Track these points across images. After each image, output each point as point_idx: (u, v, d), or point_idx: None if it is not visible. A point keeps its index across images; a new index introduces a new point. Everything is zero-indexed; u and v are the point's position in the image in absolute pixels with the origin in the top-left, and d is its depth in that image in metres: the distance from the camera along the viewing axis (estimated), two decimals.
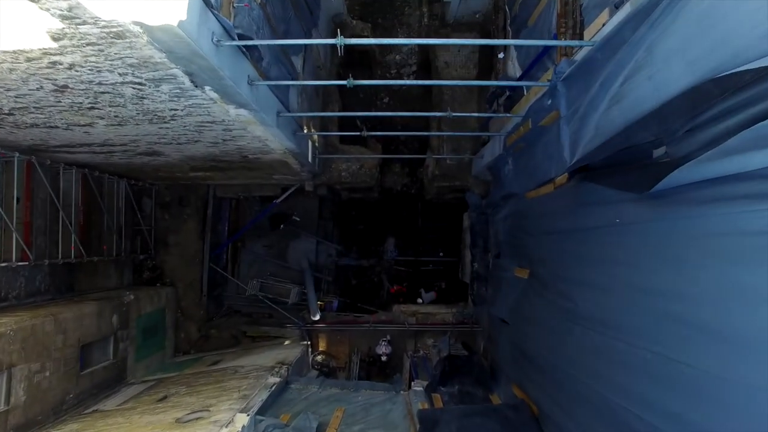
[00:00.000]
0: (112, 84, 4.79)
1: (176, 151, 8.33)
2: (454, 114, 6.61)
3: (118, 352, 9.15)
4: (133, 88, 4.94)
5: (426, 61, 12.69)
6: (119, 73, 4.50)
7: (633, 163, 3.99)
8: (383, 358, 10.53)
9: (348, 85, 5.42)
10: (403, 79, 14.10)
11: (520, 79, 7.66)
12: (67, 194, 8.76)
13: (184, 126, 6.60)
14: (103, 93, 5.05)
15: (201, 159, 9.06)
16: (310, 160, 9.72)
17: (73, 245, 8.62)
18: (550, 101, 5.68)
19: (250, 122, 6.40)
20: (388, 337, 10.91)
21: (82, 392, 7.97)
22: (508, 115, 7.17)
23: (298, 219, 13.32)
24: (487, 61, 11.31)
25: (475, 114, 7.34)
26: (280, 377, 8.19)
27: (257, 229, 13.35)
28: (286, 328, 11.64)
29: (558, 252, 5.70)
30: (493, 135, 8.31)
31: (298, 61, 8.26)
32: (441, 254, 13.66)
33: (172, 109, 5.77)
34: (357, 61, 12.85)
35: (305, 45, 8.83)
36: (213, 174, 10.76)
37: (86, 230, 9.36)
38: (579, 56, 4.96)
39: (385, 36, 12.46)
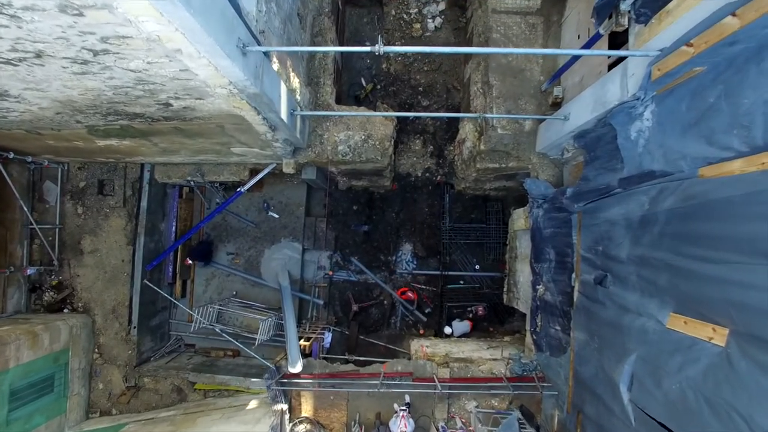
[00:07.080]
0: None
1: (28, 87, 4.48)
2: None
3: None
4: None
5: None
6: None
7: None
8: None
9: None
10: (426, 25, 10.23)
11: None
12: None
13: None
14: None
15: (92, 110, 5.21)
16: (284, 118, 5.83)
17: None
18: None
19: None
20: (408, 401, 7.03)
21: None
22: None
23: (276, 216, 9.43)
24: None
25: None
26: None
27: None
28: (254, 380, 7.76)
29: None
30: (628, 55, 4.39)
31: None
32: (477, 267, 9.74)
33: None
34: None
35: None
36: (137, 145, 6.88)
37: None
38: None
39: None
